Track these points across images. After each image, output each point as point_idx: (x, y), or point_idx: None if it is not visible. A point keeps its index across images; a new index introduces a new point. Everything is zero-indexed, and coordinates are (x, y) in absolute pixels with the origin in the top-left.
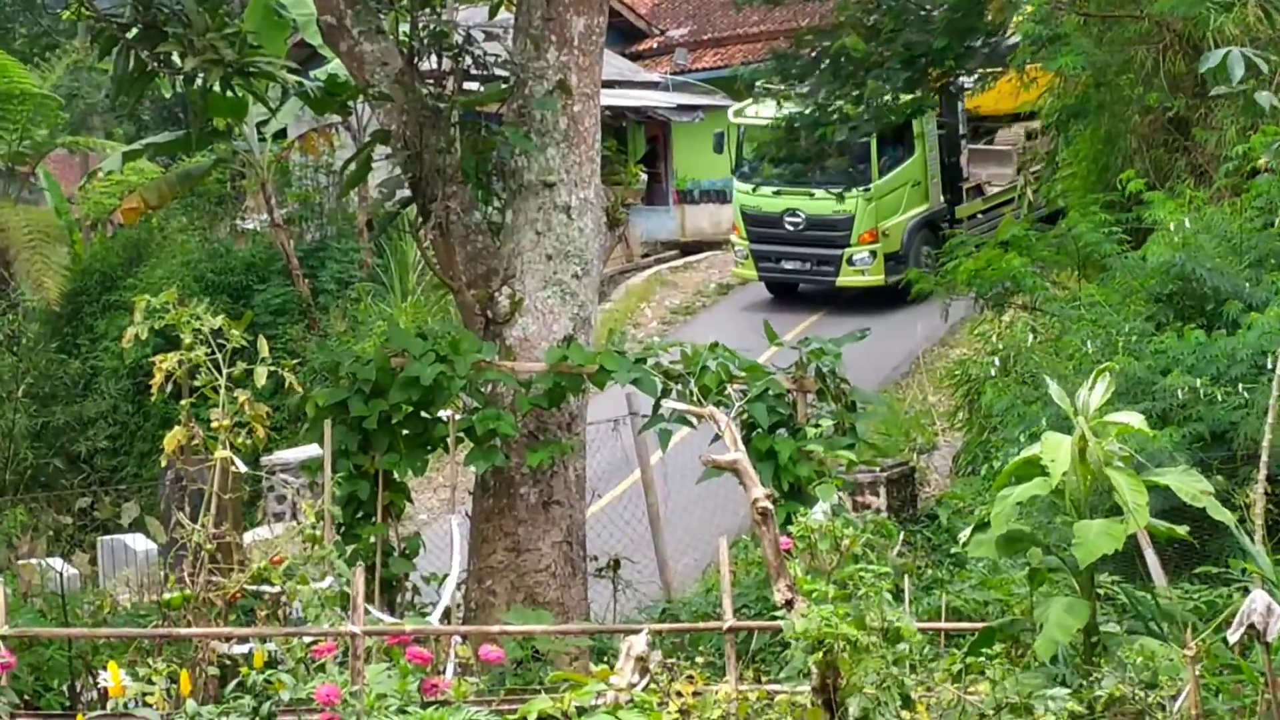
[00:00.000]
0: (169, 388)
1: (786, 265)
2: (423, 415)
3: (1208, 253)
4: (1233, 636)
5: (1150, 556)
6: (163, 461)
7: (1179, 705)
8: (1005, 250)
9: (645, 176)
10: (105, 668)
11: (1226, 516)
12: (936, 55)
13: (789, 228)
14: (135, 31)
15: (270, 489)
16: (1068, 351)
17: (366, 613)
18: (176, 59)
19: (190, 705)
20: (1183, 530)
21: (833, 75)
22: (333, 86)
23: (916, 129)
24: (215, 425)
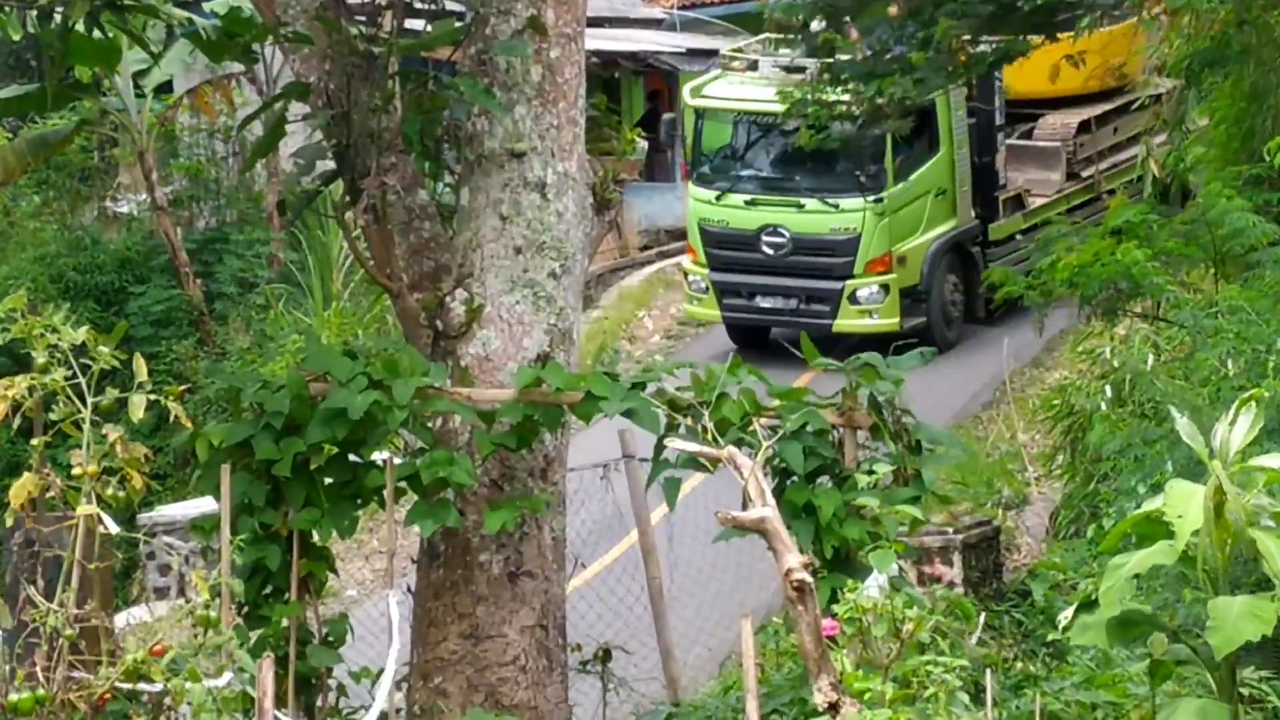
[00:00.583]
0: (16, 422)
1: (763, 303)
2: (351, 459)
3: None
4: None
5: None
6: (8, 520)
7: None
8: (1118, 240)
9: (645, 144)
10: None
11: None
12: None
13: (767, 251)
14: None
15: (150, 556)
16: (1201, 374)
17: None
18: None
19: None
20: None
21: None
22: (233, 26)
23: (942, 116)
24: (77, 472)
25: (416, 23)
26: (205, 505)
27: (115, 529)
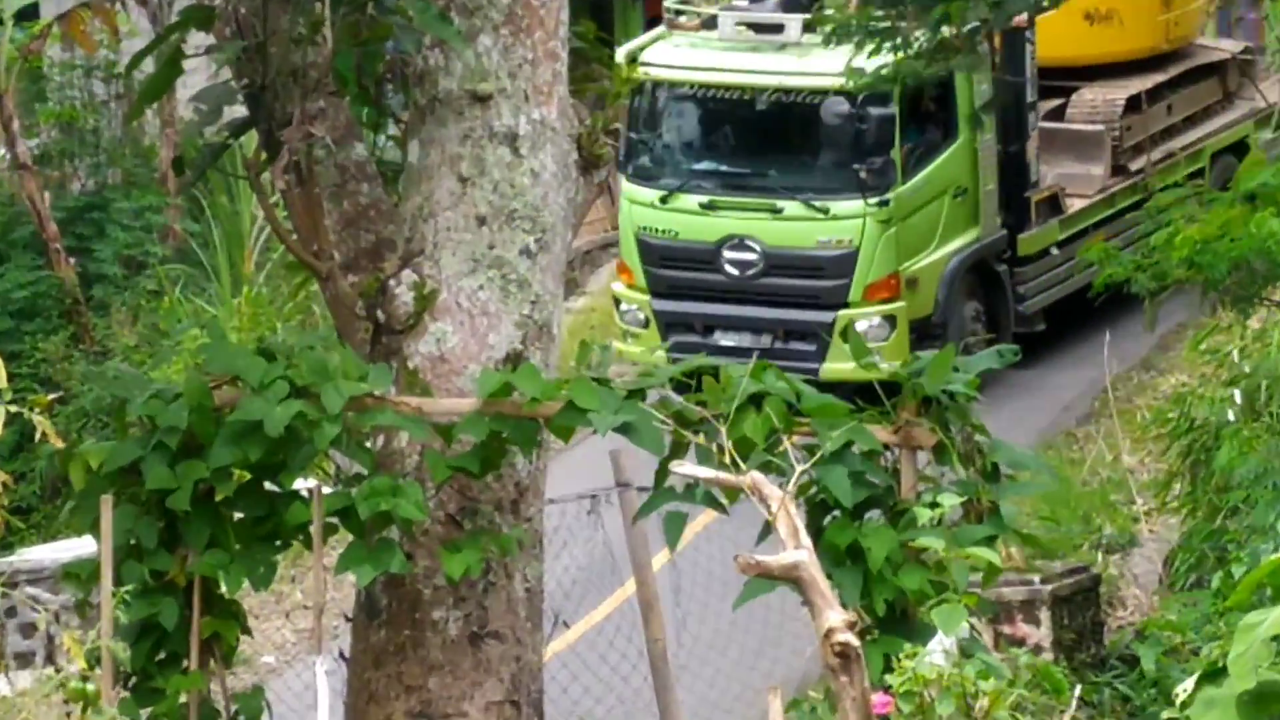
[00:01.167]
0: None
1: (723, 341)
2: (267, 488)
3: None
4: None
5: None
6: None
7: None
8: (1252, 208)
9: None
10: None
11: None
12: None
13: (731, 271)
14: None
15: (10, 613)
16: None
17: None
18: None
19: None
20: None
21: None
22: None
23: (961, 89)
24: None
25: None
26: (81, 547)
27: None
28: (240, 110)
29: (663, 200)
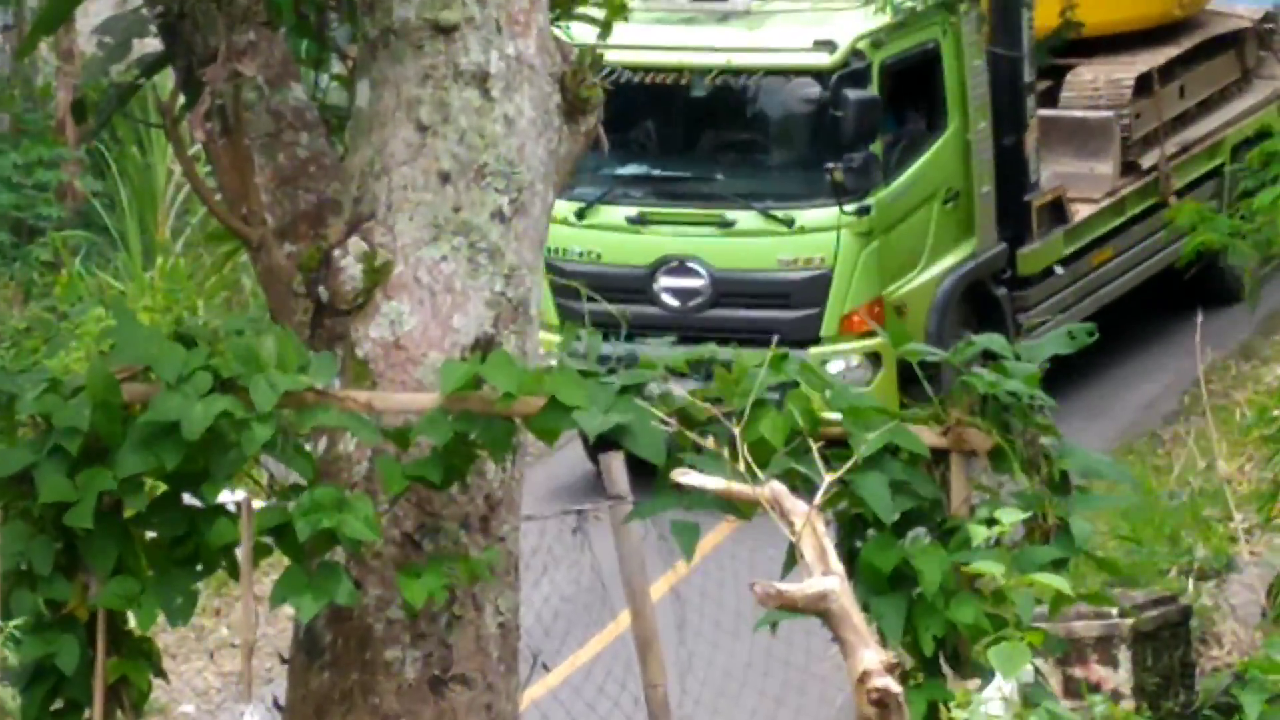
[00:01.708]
0: None
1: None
2: (187, 501)
3: None
4: None
5: None
6: None
7: None
8: None
9: None
10: None
11: None
12: None
13: (669, 302)
14: None
15: None
16: None
17: None
18: None
19: None
20: None
21: None
22: None
23: (950, 66)
24: None
25: None
26: None
27: None
28: (153, 44)
29: (579, 215)
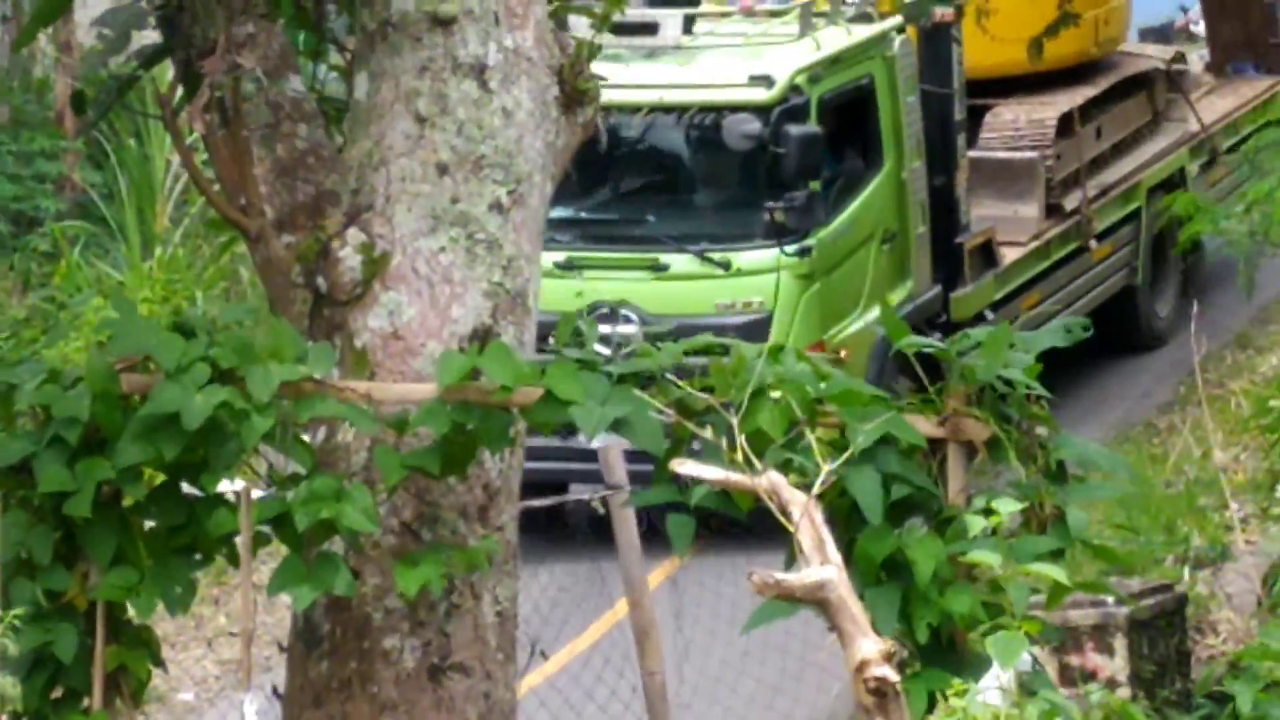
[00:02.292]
0: None
1: (594, 443)
2: (186, 491)
3: None
4: None
5: None
6: None
7: None
8: None
9: None
10: None
11: None
12: None
13: (600, 350)
14: None
15: None
16: None
17: None
18: None
19: None
20: None
21: None
22: None
23: (884, 103)
24: None
25: None
26: None
27: None
28: (152, 36)
29: None
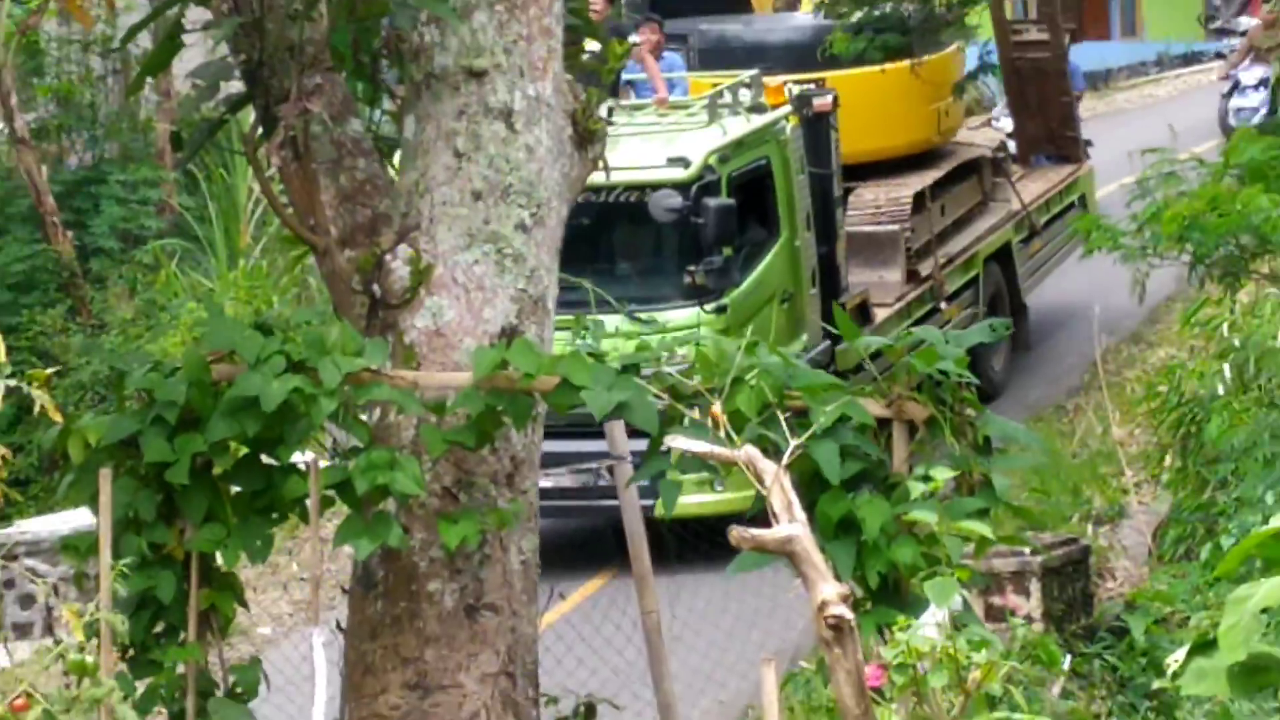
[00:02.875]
0: None
1: (540, 481)
2: (265, 461)
3: None
4: None
5: None
6: None
7: None
8: (1239, 184)
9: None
10: None
11: None
12: None
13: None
14: None
15: (9, 584)
16: None
17: None
18: None
19: None
20: None
21: None
22: None
23: (780, 179)
24: None
25: None
26: (79, 520)
27: None
28: (237, 86)
29: None
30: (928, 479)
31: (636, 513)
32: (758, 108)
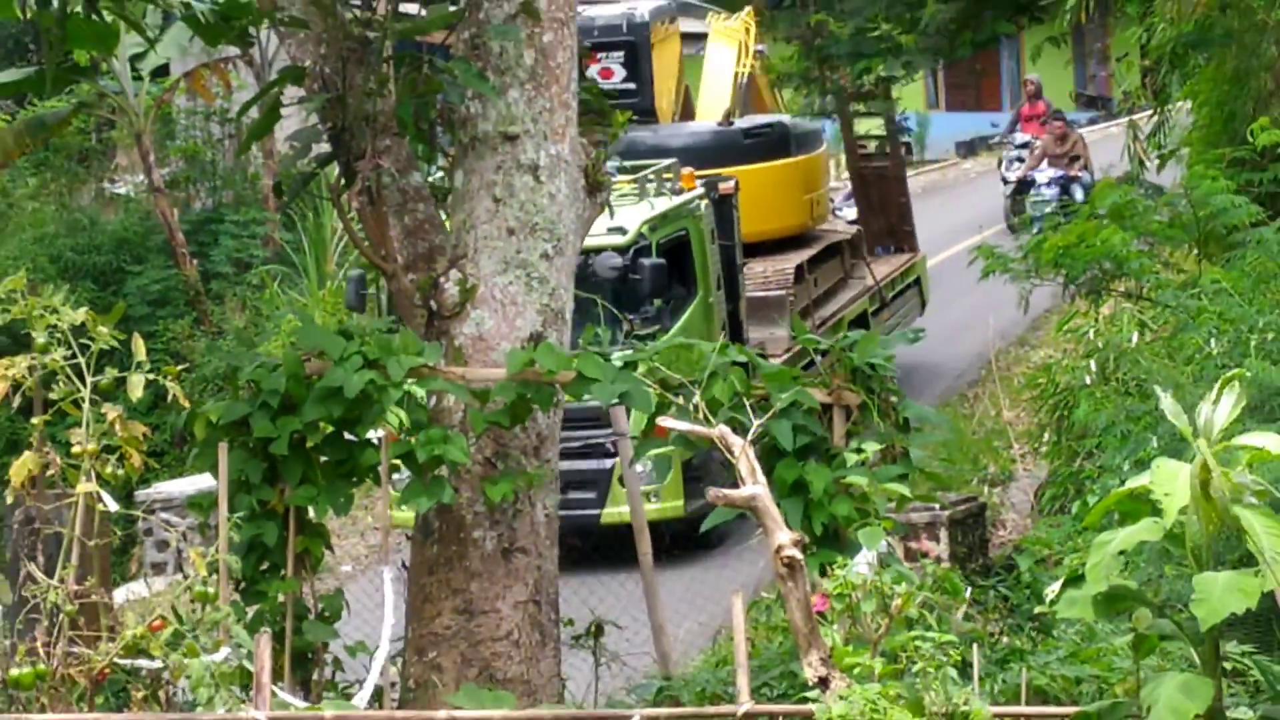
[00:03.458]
0: (16, 401)
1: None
2: (346, 437)
3: None
4: None
5: None
6: (9, 498)
7: None
8: (1102, 222)
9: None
10: None
11: None
12: None
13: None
14: None
15: (148, 533)
16: (1185, 353)
17: (274, 694)
18: None
19: None
20: None
21: None
22: (229, 9)
23: (697, 246)
24: (77, 450)
25: (411, 7)
26: (202, 482)
27: (114, 506)
28: (325, 147)
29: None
30: (860, 450)
31: (635, 476)
32: (677, 190)
